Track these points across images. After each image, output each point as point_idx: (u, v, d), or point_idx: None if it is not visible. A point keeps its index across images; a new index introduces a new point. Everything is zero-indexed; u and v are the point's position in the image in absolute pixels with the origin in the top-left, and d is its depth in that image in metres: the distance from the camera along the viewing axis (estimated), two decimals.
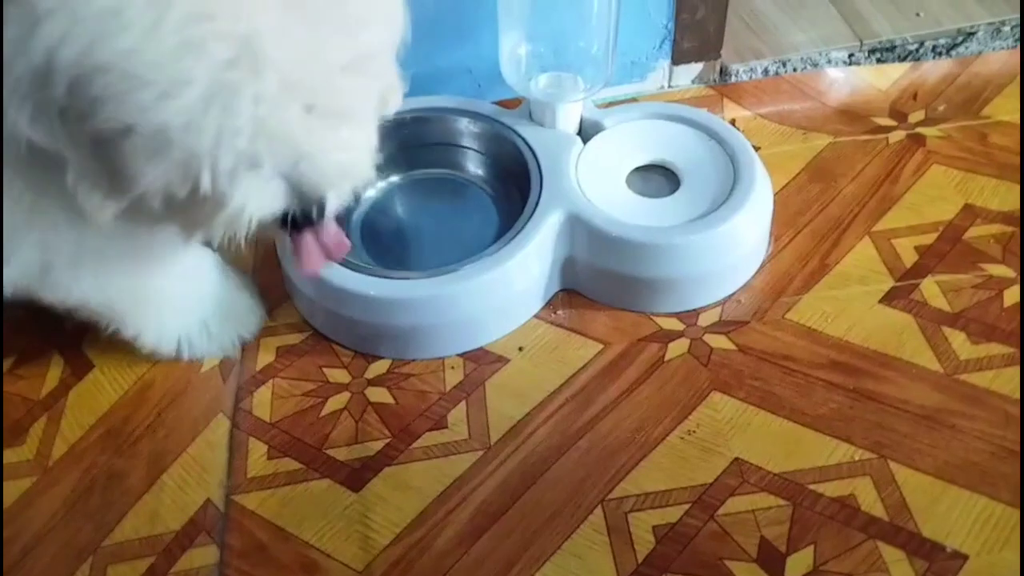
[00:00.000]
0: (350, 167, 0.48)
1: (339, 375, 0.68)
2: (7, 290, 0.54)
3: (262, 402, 0.66)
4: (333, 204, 0.51)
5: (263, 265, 0.74)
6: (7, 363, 0.70)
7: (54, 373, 0.70)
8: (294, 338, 0.71)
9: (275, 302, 0.72)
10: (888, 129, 0.83)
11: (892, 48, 0.87)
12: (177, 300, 0.65)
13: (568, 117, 0.74)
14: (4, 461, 0.65)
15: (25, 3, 0.41)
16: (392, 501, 0.60)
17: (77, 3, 0.41)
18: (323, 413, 0.65)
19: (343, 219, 0.61)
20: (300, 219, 0.50)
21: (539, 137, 0.73)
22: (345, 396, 0.66)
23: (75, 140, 0.44)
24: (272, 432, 0.65)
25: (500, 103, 0.78)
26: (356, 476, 0.61)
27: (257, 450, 0.64)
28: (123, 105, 0.41)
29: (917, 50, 0.87)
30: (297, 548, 0.58)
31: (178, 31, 0.41)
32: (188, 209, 0.47)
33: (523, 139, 0.74)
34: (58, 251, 0.53)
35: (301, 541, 0.58)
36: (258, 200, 0.47)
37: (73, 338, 0.71)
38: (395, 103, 0.53)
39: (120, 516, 0.61)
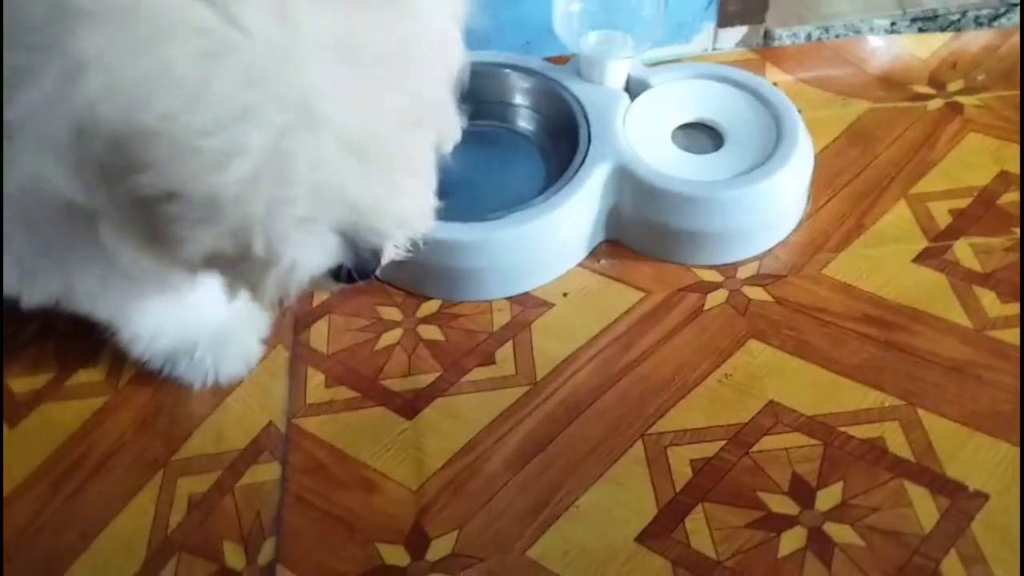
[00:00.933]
0: (408, 216, 0.46)
1: (392, 313, 0.71)
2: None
3: (319, 335, 0.70)
4: (390, 253, 0.48)
5: None
6: None
7: None
8: None
9: None
10: (927, 97, 0.84)
11: (934, 17, 0.88)
12: (172, 323, 0.65)
13: (616, 74, 0.77)
14: (78, 381, 0.69)
15: (62, 53, 0.37)
16: (443, 429, 0.63)
17: (121, 56, 0.37)
18: (377, 347, 0.69)
19: None
20: (356, 270, 0.46)
21: (588, 93, 0.76)
22: (398, 332, 0.70)
23: (115, 199, 0.41)
24: (329, 363, 0.68)
25: (548, 59, 0.81)
26: (409, 405, 0.65)
27: (315, 378, 0.67)
28: (169, 172, 0.38)
29: (959, 20, 0.88)
30: (354, 468, 0.62)
31: (230, 95, 0.37)
32: (236, 266, 0.44)
33: (572, 94, 0.76)
34: (83, 283, 0.52)
35: (358, 462, 0.62)
36: (312, 256, 0.43)
37: None
38: (452, 142, 0.51)
39: (187, 435, 0.65)
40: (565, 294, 0.71)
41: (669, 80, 0.78)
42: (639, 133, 0.74)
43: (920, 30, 0.88)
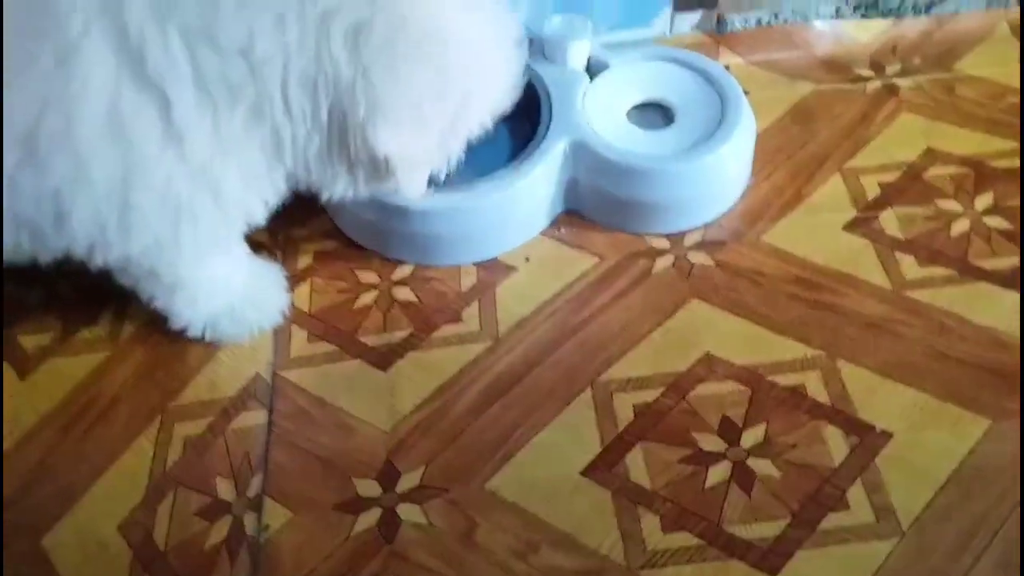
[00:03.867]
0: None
1: (369, 276, 0.78)
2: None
3: (302, 296, 0.77)
4: None
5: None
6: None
7: None
8: (329, 244, 0.81)
9: (312, 213, 0.82)
10: (867, 79, 0.91)
11: (875, 4, 0.94)
12: (210, 284, 0.69)
13: (578, 56, 0.83)
14: (82, 337, 0.75)
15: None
16: (414, 378, 0.70)
17: None
18: (355, 307, 0.76)
19: None
20: None
21: (551, 73, 0.82)
22: (374, 294, 0.77)
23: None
24: (311, 321, 0.75)
25: None
26: (384, 358, 0.72)
27: (298, 335, 0.74)
28: None
29: (898, 7, 0.95)
30: (333, 413, 0.69)
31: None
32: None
33: (536, 74, 0.82)
34: (181, 234, 0.60)
35: (337, 408, 0.69)
36: None
37: None
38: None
39: (183, 385, 0.72)
40: (527, 259, 0.78)
41: (626, 62, 0.84)
42: (597, 111, 0.80)
43: (863, 16, 0.95)
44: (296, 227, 0.82)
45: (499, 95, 0.65)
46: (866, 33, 0.95)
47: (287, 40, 0.53)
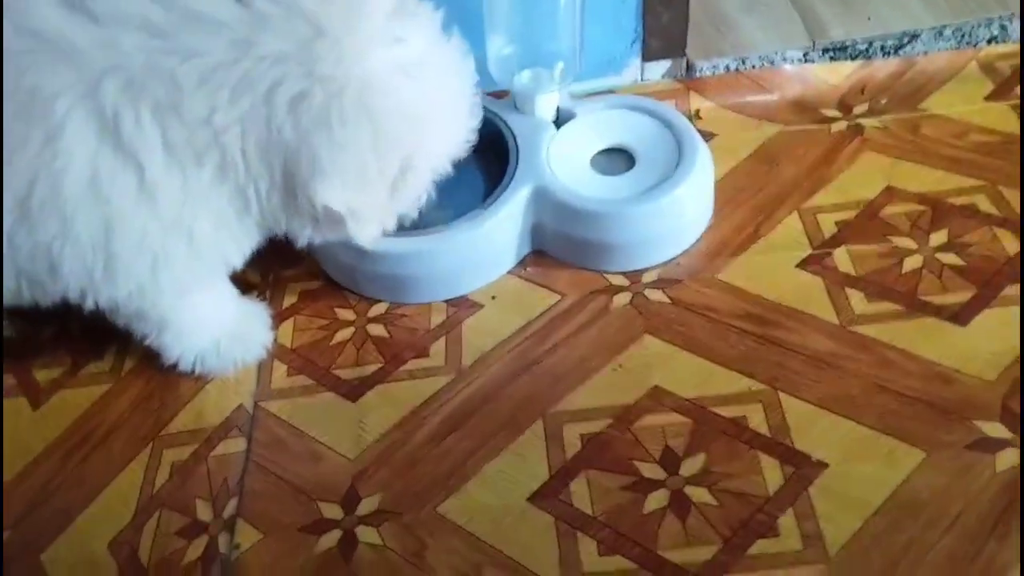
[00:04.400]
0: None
1: (347, 314, 0.84)
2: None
3: (285, 332, 0.83)
4: None
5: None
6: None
7: None
8: (313, 284, 0.87)
9: (301, 255, 0.88)
10: (833, 120, 0.94)
11: (844, 48, 0.98)
12: (196, 323, 0.76)
13: (546, 106, 0.88)
14: (88, 370, 0.83)
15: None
16: (381, 410, 0.75)
17: None
18: (332, 343, 0.82)
19: None
20: None
21: (519, 123, 0.88)
22: (350, 330, 0.82)
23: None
24: (292, 356, 0.81)
25: (493, 93, 0.92)
26: (355, 390, 0.77)
27: (279, 369, 0.80)
28: None
29: (867, 50, 0.98)
30: (306, 442, 0.74)
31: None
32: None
33: (506, 124, 0.88)
34: (162, 279, 0.67)
35: (309, 437, 0.75)
36: None
37: None
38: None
39: (173, 414, 0.78)
40: (494, 297, 0.83)
41: (592, 111, 0.89)
42: (561, 158, 0.85)
43: (832, 59, 0.98)
44: (286, 268, 0.88)
45: (448, 149, 0.70)
46: (835, 75, 0.98)
47: (241, 111, 0.60)
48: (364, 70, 0.60)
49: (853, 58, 0.98)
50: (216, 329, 0.78)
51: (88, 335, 0.83)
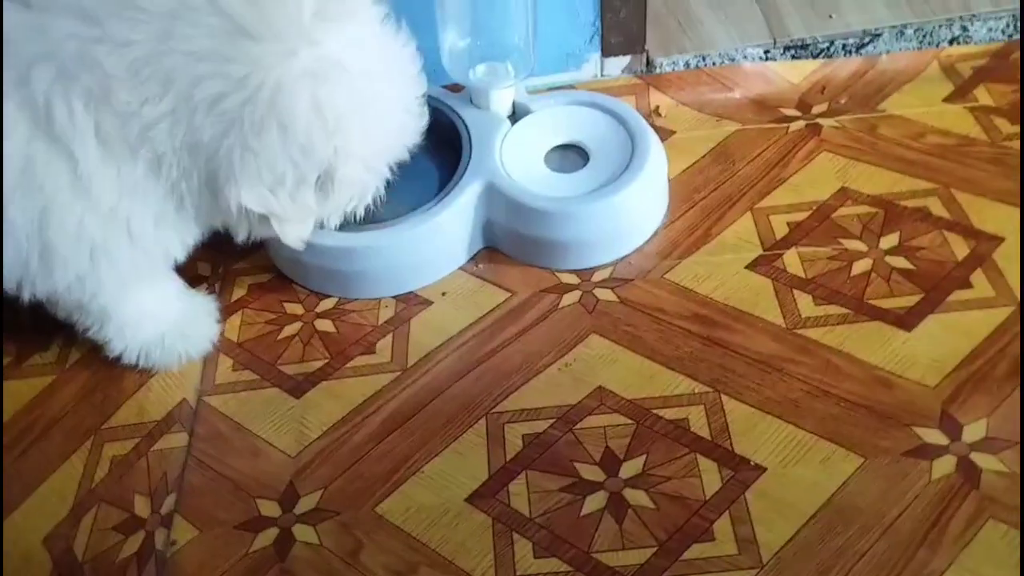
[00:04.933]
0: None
1: (295, 308, 0.83)
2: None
3: (232, 326, 0.82)
4: None
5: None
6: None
7: None
8: (263, 277, 0.86)
9: (252, 248, 0.87)
10: (792, 119, 0.94)
11: (805, 46, 0.97)
12: (138, 316, 0.75)
13: (501, 101, 0.87)
14: (34, 361, 0.82)
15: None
16: (324, 407, 0.75)
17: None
18: (279, 337, 0.81)
19: None
20: None
21: (474, 118, 0.87)
22: (298, 325, 0.82)
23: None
24: (238, 350, 0.80)
25: (449, 87, 0.91)
26: (299, 387, 0.77)
27: (225, 363, 0.79)
28: None
29: (828, 48, 0.97)
30: (247, 438, 0.74)
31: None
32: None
33: (461, 118, 0.87)
34: (102, 270, 0.66)
35: (251, 432, 0.74)
36: None
37: None
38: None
39: (116, 408, 0.77)
40: (444, 293, 0.82)
41: (547, 106, 0.88)
42: (514, 154, 0.84)
43: (793, 57, 0.97)
44: (236, 260, 0.87)
45: (380, 151, 0.69)
46: (796, 74, 0.97)
47: (169, 106, 0.59)
48: (279, 74, 0.59)
49: (815, 56, 0.97)
50: (161, 322, 0.77)
51: (36, 326, 0.82)
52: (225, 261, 0.87)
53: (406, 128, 0.69)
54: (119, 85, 0.58)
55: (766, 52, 0.97)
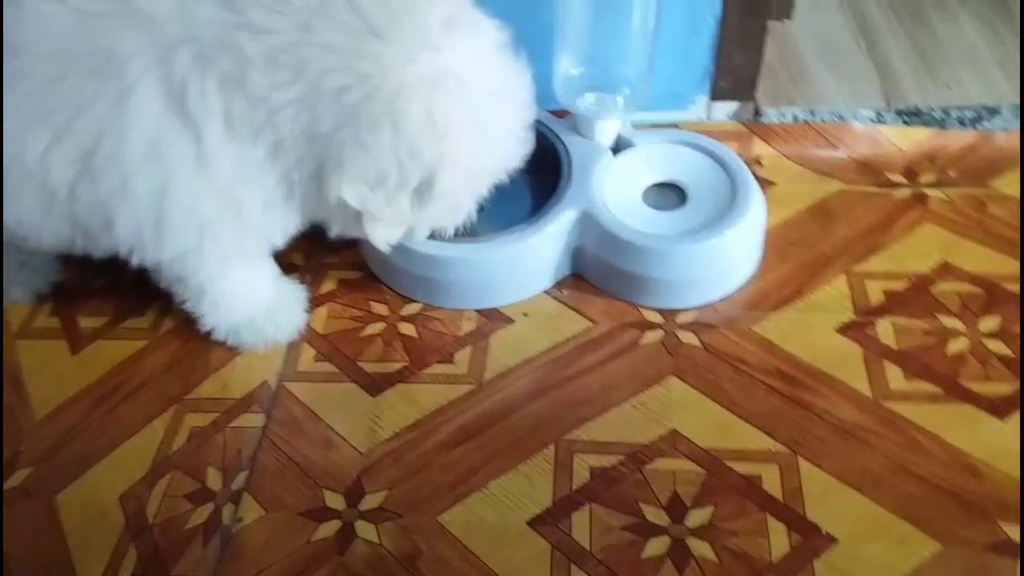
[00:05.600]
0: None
1: (380, 309, 0.85)
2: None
3: (319, 317, 0.85)
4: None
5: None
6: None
7: None
8: (353, 274, 0.88)
9: (346, 244, 0.90)
10: (897, 185, 0.92)
11: (919, 113, 0.95)
12: (233, 295, 0.77)
13: (606, 132, 0.88)
14: (129, 325, 0.86)
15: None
16: (398, 408, 0.76)
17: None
18: (362, 334, 0.83)
19: None
20: None
21: (577, 145, 0.88)
22: (381, 325, 0.83)
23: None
24: (321, 341, 0.83)
25: (554, 112, 0.93)
26: (375, 385, 0.78)
27: (307, 352, 0.82)
28: None
29: (942, 118, 0.95)
30: (321, 428, 0.75)
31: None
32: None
33: (564, 144, 0.88)
34: (211, 243, 0.69)
35: (325, 423, 0.76)
36: None
37: None
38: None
39: (200, 380, 0.80)
40: (526, 314, 0.83)
41: (651, 142, 0.88)
42: (613, 186, 0.85)
43: (904, 123, 0.96)
44: (329, 254, 0.90)
45: (483, 168, 0.70)
46: (906, 140, 0.95)
47: (296, 94, 0.61)
48: (399, 76, 0.61)
49: (927, 124, 0.95)
50: (253, 305, 0.80)
51: (136, 291, 0.86)
52: (319, 253, 0.90)
53: (510, 151, 0.70)
54: (255, 70, 0.61)
55: (878, 114, 0.96)
